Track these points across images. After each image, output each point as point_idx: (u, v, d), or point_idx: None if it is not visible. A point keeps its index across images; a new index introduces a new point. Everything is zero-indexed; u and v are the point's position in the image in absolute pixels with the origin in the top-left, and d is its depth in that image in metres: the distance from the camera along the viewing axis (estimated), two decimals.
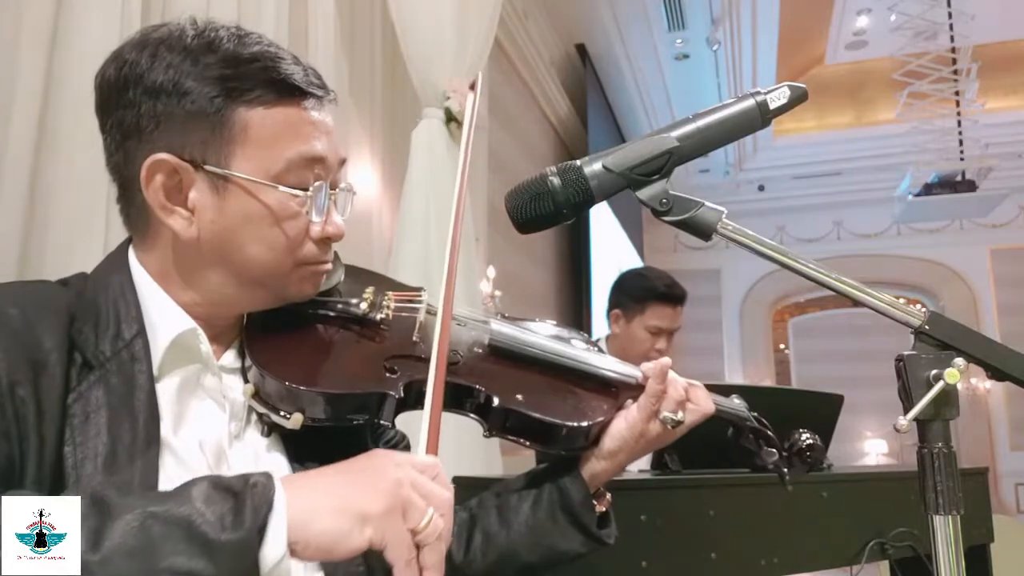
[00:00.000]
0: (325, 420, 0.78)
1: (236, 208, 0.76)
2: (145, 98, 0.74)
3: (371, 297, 0.88)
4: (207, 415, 0.78)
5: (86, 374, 0.71)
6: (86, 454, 0.67)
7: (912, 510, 1.75)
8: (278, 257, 0.79)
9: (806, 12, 6.97)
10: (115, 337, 0.73)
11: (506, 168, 4.82)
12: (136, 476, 0.68)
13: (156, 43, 0.76)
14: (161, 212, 0.76)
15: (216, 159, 0.75)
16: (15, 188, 1.43)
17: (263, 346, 0.81)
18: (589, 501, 0.90)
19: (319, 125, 0.80)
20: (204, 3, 1.87)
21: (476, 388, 0.85)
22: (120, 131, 0.77)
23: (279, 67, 0.77)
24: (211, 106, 0.74)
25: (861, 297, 0.71)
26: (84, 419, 0.69)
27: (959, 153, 6.79)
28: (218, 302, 0.80)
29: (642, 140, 0.76)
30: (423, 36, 2.63)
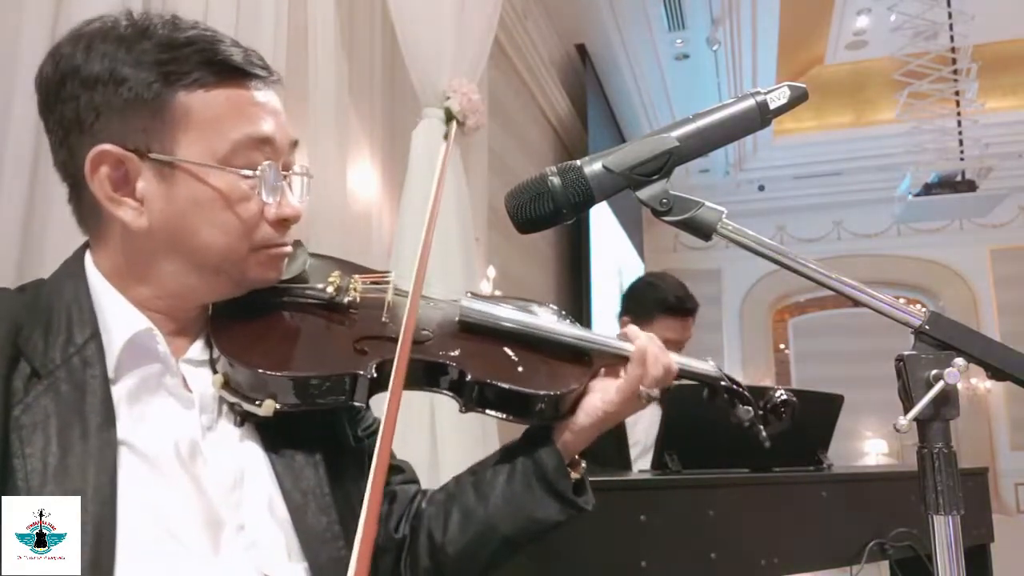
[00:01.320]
0: (297, 405, 0.78)
1: (185, 194, 0.75)
2: (83, 90, 0.73)
3: (337, 280, 0.87)
4: (172, 412, 0.77)
5: (34, 383, 0.69)
6: (35, 466, 0.66)
7: (912, 510, 1.75)
8: (233, 241, 0.77)
9: (806, 12, 6.97)
10: (66, 343, 0.72)
11: (506, 168, 4.82)
12: (90, 482, 0.67)
13: (90, 35, 0.76)
14: (109, 204, 0.75)
15: (160, 146, 0.74)
16: (15, 188, 1.43)
17: (230, 336, 0.80)
18: (563, 468, 0.89)
19: (264, 106, 0.79)
20: (203, 3, 1.87)
21: (448, 364, 0.85)
22: (62, 127, 0.76)
23: (217, 48, 0.76)
24: (149, 92, 0.73)
25: (861, 297, 0.71)
26: (32, 430, 0.67)
27: (959, 153, 6.78)
28: (177, 293, 0.79)
29: (642, 140, 0.76)
30: (423, 36, 2.63)
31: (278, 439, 0.81)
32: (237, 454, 0.79)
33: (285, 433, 0.81)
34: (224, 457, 0.77)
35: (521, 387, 0.86)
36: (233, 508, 0.75)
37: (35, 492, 0.65)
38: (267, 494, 0.78)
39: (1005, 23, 7.02)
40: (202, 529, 0.72)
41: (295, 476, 0.80)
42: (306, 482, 0.81)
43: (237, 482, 0.77)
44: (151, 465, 0.72)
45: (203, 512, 0.73)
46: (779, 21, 6.69)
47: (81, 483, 0.66)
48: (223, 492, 0.75)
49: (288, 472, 0.80)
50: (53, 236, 1.48)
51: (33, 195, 1.46)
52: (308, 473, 0.81)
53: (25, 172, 1.45)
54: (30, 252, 1.44)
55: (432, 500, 0.96)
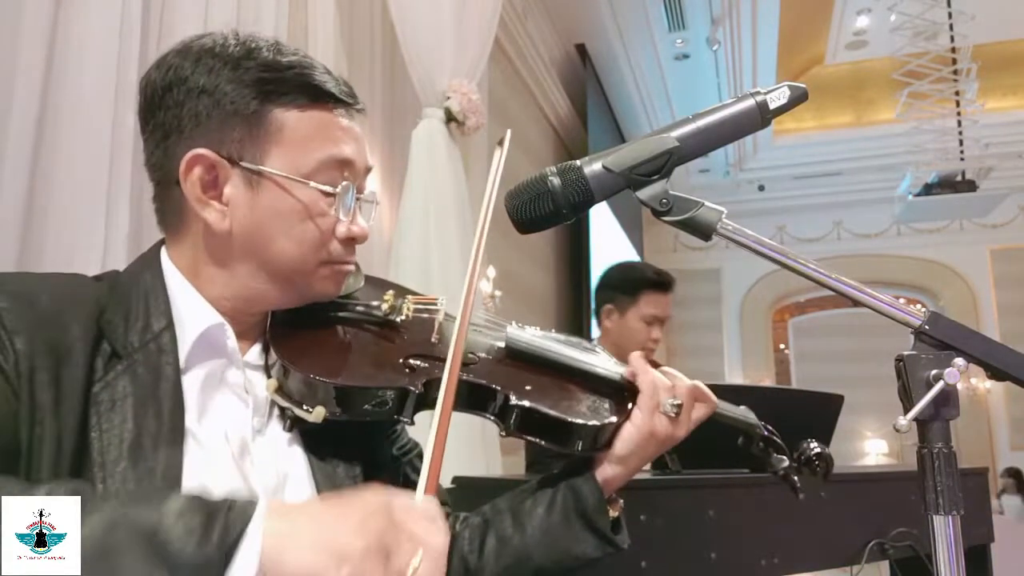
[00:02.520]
0: (346, 414, 0.80)
1: (268, 203, 0.80)
2: (187, 98, 0.79)
3: (391, 300, 0.91)
4: (230, 409, 0.80)
5: (114, 364, 0.73)
6: (111, 440, 0.70)
7: (912, 510, 1.75)
8: (305, 253, 0.82)
9: (806, 12, 6.97)
10: (144, 329, 0.76)
11: (506, 168, 4.81)
12: (160, 463, 0.70)
13: (199, 50, 0.81)
14: (197, 204, 0.79)
15: (252, 156, 0.79)
16: (14, 187, 1.43)
17: (287, 342, 0.84)
18: (603, 505, 0.90)
19: (349, 131, 0.84)
20: (203, 3, 1.87)
21: (493, 387, 0.87)
22: (162, 130, 0.81)
23: (313, 75, 0.82)
24: (249, 107, 0.79)
25: (861, 297, 0.71)
26: (110, 407, 0.71)
27: (959, 153, 6.78)
28: (245, 297, 0.83)
29: (642, 140, 0.76)
30: (423, 36, 2.63)
31: (322, 448, 0.84)
32: (283, 459, 0.82)
33: (329, 443, 0.84)
34: (270, 460, 0.80)
35: (563, 415, 0.87)
36: None
37: (109, 466, 0.68)
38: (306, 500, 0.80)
39: (1005, 23, 7.02)
40: None
41: (334, 486, 0.83)
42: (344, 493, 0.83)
43: (280, 485, 0.80)
44: (209, 457, 0.75)
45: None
46: (779, 21, 6.69)
47: (153, 462, 0.70)
48: (266, 493, 0.78)
49: (328, 483, 0.83)
50: (52, 236, 1.48)
51: (32, 194, 1.46)
52: (347, 484, 0.84)
53: (25, 173, 1.45)
54: (29, 252, 1.44)
55: (468, 524, 0.97)
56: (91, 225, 1.52)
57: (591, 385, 0.94)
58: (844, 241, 9.77)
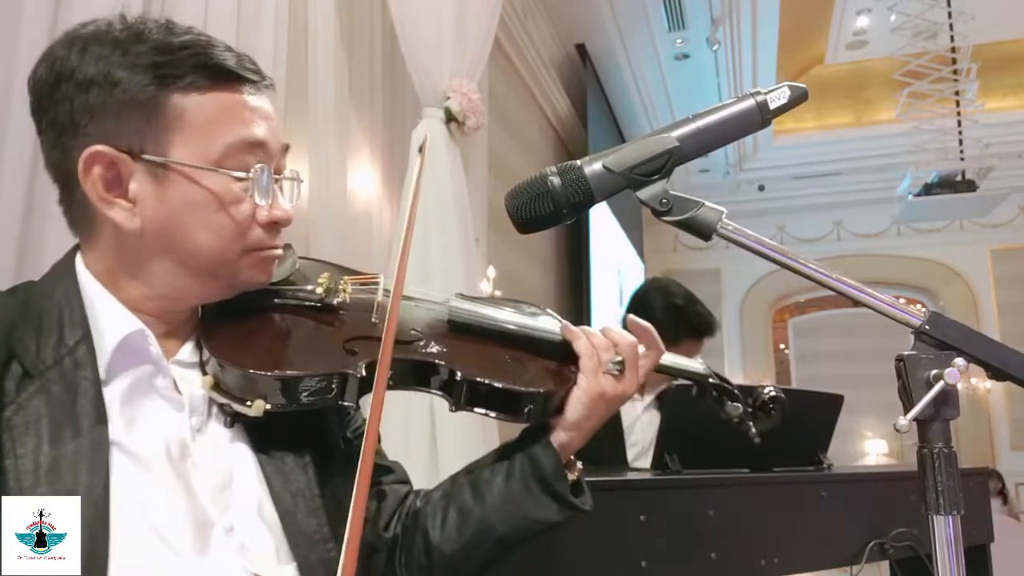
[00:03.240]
0: (287, 405, 0.78)
1: (178, 195, 0.75)
2: (77, 92, 0.74)
3: (326, 282, 0.88)
4: (163, 413, 0.77)
5: (26, 384, 0.70)
6: (26, 466, 0.66)
7: (912, 510, 1.75)
8: (225, 243, 0.78)
9: (806, 12, 6.97)
10: (57, 344, 0.72)
11: (506, 168, 4.82)
12: (82, 482, 0.67)
13: (84, 39, 0.76)
14: (101, 204, 0.75)
15: (153, 147, 0.75)
16: (14, 186, 1.43)
17: (219, 337, 0.81)
18: (561, 469, 0.90)
19: (257, 110, 0.79)
20: (203, 3, 1.87)
21: (438, 363, 0.86)
22: (55, 128, 0.76)
23: (211, 52, 0.77)
24: (144, 94, 0.74)
25: (861, 297, 0.71)
26: (24, 431, 0.67)
27: (959, 153, 6.77)
28: (168, 295, 0.80)
29: (642, 140, 0.76)
30: (423, 36, 2.63)
31: (267, 441, 0.81)
32: (226, 456, 0.79)
33: (274, 435, 0.81)
34: (213, 459, 0.78)
35: (510, 385, 0.87)
36: (222, 510, 0.76)
37: (27, 492, 0.65)
38: (256, 496, 0.79)
39: (1005, 23, 7.02)
40: (191, 530, 0.72)
41: (284, 478, 0.81)
42: (295, 484, 0.81)
43: (226, 484, 0.77)
44: (142, 466, 0.72)
45: (192, 513, 0.73)
46: (779, 21, 6.68)
47: (73, 483, 0.66)
48: (212, 493, 0.75)
49: (278, 474, 0.80)
50: (52, 236, 1.48)
51: (32, 195, 1.46)
52: (297, 475, 0.82)
53: (24, 173, 1.45)
54: (29, 252, 1.44)
55: (428, 499, 0.96)
56: None
57: (537, 352, 0.93)
58: (844, 241, 9.76)
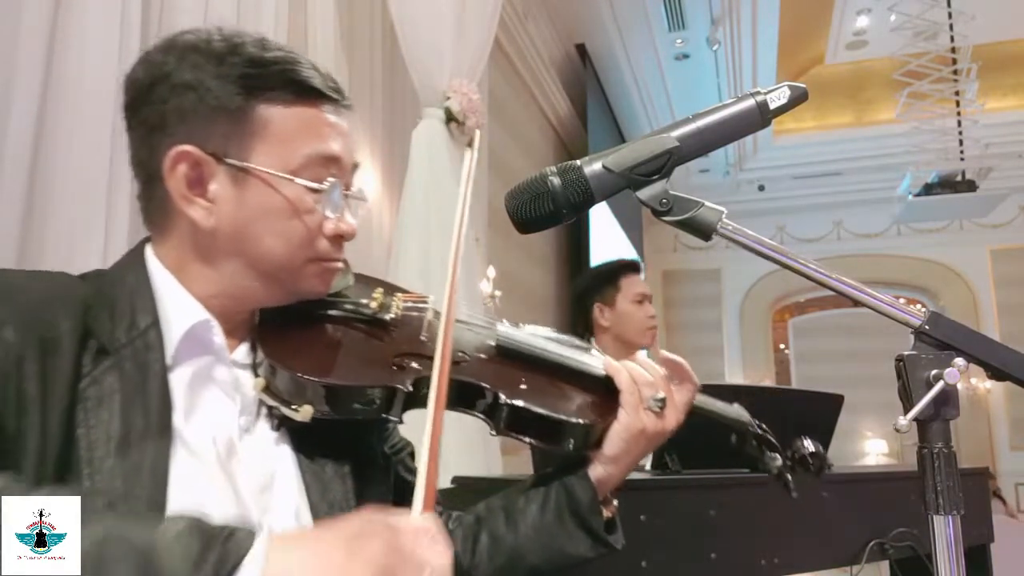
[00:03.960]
0: (334, 413, 0.80)
1: (254, 200, 0.79)
2: (171, 95, 0.78)
3: (380, 298, 0.91)
4: (217, 407, 0.80)
5: (101, 360, 0.72)
6: (98, 436, 0.69)
7: (912, 510, 1.75)
8: (292, 250, 0.81)
9: (806, 12, 6.97)
10: (130, 326, 0.75)
11: (506, 168, 4.82)
12: (147, 460, 0.70)
13: (183, 46, 0.80)
14: (182, 202, 0.78)
15: (237, 152, 0.78)
16: (14, 186, 1.43)
17: (275, 341, 0.83)
18: (596, 504, 0.90)
19: (336, 127, 0.83)
20: (203, 2, 1.87)
21: (483, 386, 0.86)
22: (146, 126, 0.80)
23: (299, 70, 0.82)
24: (233, 102, 0.78)
25: (861, 297, 0.71)
26: (98, 403, 0.70)
27: (959, 153, 6.78)
28: (232, 295, 0.82)
29: (642, 140, 0.75)
30: (423, 36, 2.63)
31: (310, 448, 0.83)
32: (270, 458, 0.81)
33: (317, 443, 0.83)
34: (258, 460, 0.80)
35: (552, 413, 0.87)
36: (261, 512, 0.77)
37: (96, 463, 0.68)
38: (294, 502, 0.80)
39: (1005, 23, 7.02)
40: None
41: (323, 487, 0.82)
42: (333, 494, 0.83)
43: (268, 485, 0.79)
44: (196, 457, 0.74)
45: (238, 509, 0.75)
46: (779, 21, 6.69)
47: (139, 459, 0.69)
48: (255, 493, 0.77)
49: (317, 482, 0.82)
50: (52, 236, 1.48)
51: (32, 195, 1.46)
52: (336, 485, 0.83)
53: (24, 173, 1.45)
54: (29, 252, 1.44)
55: (460, 522, 0.96)
56: (90, 225, 1.52)
57: (581, 384, 0.94)
58: (844, 241, 9.76)
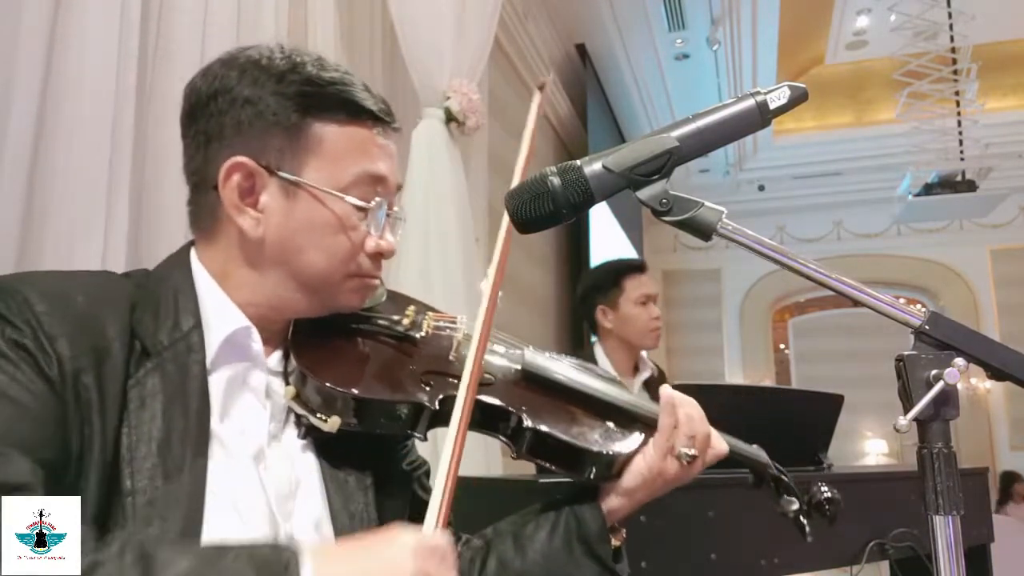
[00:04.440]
0: (361, 425, 0.82)
1: (303, 213, 0.82)
2: (230, 107, 0.82)
3: (412, 316, 0.94)
4: (250, 412, 0.82)
5: (143, 361, 0.75)
6: (140, 437, 0.71)
7: (912, 510, 1.75)
8: (334, 265, 0.84)
9: (806, 12, 6.97)
10: (173, 327, 0.78)
11: (506, 168, 4.81)
12: (187, 462, 0.72)
13: (245, 61, 0.84)
14: (233, 210, 0.81)
15: (290, 167, 0.82)
16: (13, 186, 1.43)
17: (307, 350, 0.85)
18: (606, 533, 0.90)
19: (384, 148, 0.87)
20: (203, 4, 1.86)
21: (508, 409, 0.88)
22: (204, 136, 0.83)
23: (354, 92, 0.85)
24: (290, 119, 0.81)
25: (861, 297, 0.71)
26: (140, 404, 0.72)
27: (959, 153, 6.77)
28: (271, 304, 0.85)
29: (642, 140, 0.76)
30: (423, 36, 2.63)
31: (334, 458, 0.85)
32: (296, 465, 0.83)
33: (341, 454, 0.86)
34: (284, 466, 0.82)
35: (575, 441, 0.88)
36: (286, 516, 0.79)
37: (137, 463, 0.70)
38: (316, 511, 0.82)
39: (1005, 23, 7.01)
40: (268, 526, 0.77)
41: (345, 497, 0.84)
42: (355, 505, 0.85)
43: (292, 492, 0.81)
44: (230, 459, 0.77)
45: (267, 513, 0.77)
46: (779, 21, 6.68)
47: (180, 460, 0.72)
48: (279, 499, 0.79)
49: (339, 492, 0.84)
50: (52, 236, 1.48)
51: (32, 196, 1.46)
52: (358, 496, 0.86)
53: (24, 173, 1.45)
54: (28, 253, 1.44)
55: (469, 546, 0.97)
56: (90, 225, 1.51)
57: (605, 414, 0.95)
58: (844, 241, 9.76)
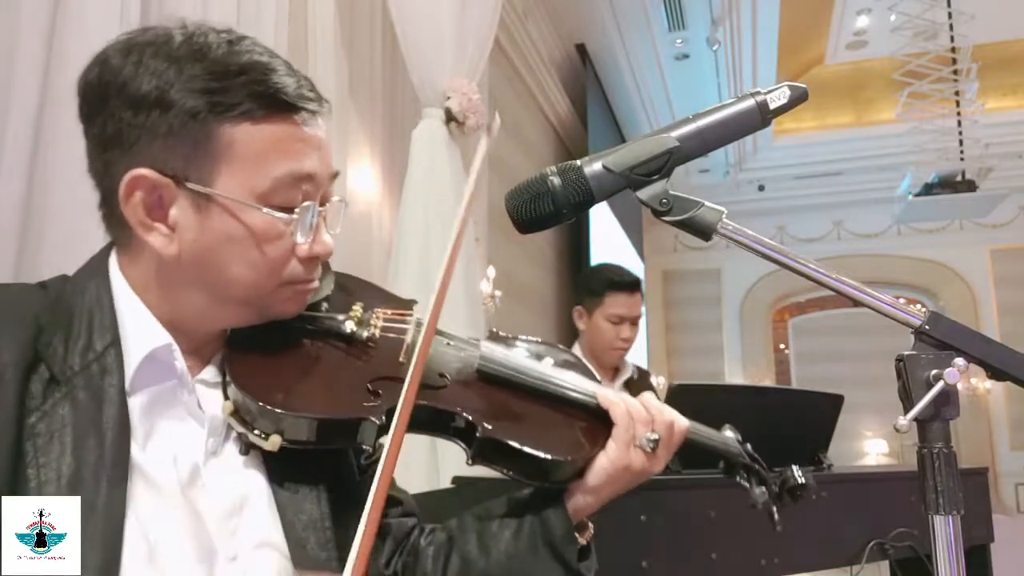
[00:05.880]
0: (304, 443, 0.76)
1: (218, 228, 0.73)
2: (127, 109, 0.72)
3: (359, 314, 0.86)
4: (181, 431, 0.75)
5: (52, 390, 0.68)
6: (48, 476, 0.65)
7: (912, 510, 1.75)
8: (260, 278, 0.76)
9: (806, 12, 6.97)
10: (86, 348, 0.71)
11: (506, 168, 4.82)
12: (102, 497, 0.65)
13: (142, 48, 0.73)
14: (140, 229, 0.73)
15: (199, 176, 0.72)
16: (12, 187, 1.43)
17: (244, 364, 0.78)
18: (571, 535, 0.87)
19: (310, 141, 0.77)
20: (202, 3, 1.86)
21: (460, 414, 0.83)
22: (101, 140, 0.74)
23: (269, 80, 0.74)
24: (195, 121, 0.71)
25: (861, 297, 0.71)
26: (48, 439, 0.66)
27: (959, 153, 6.78)
28: (198, 319, 0.78)
29: (642, 140, 0.75)
30: (423, 36, 2.63)
31: (282, 469, 0.79)
32: (239, 481, 0.78)
33: (290, 464, 0.79)
34: (225, 483, 0.76)
35: (533, 449, 0.83)
36: (228, 536, 0.74)
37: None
38: (266, 525, 0.77)
39: (1005, 23, 7.02)
40: (195, 562, 0.71)
41: (296, 508, 0.79)
42: (307, 515, 0.79)
43: (236, 509, 0.76)
44: (154, 488, 0.71)
45: (197, 540, 0.72)
46: (779, 21, 6.69)
47: (94, 496, 0.65)
48: (220, 518, 0.74)
49: (290, 503, 0.79)
50: (50, 236, 1.48)
51: (31, 195, 1.46)
52: (310, 506, 0.80)
53: (23, 173, 1.45)
54: (28, 252, 1.44)
55: (432, 539, 0.94)
56: (89, 225, 1.51)
57: (566, 412, 0.90)
58: (844, 241, 9.76)
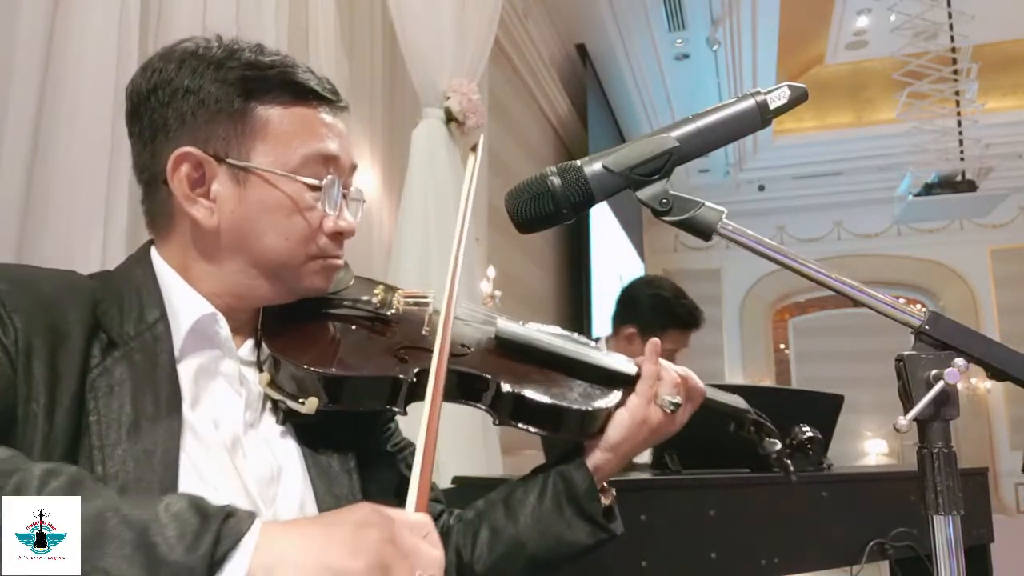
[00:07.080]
0: (339, 404, 0.81)
1: (255, 198, 0.82)
2: (172, 99, 0.81)
3: (381, 294, 0.94)
4: (224, 400, 0.82)
5: (110, 351, 0.75)
6: (110, 423, 0.71)
7: (912, 510, 1.75)
8: (293, 247, 0.83)
9: (806, 12, 6.97)
10: (138, 319, 0.78)
11: (506, 168, 4.82)
12: (159, 445, 0.72)
13: (182, 53, 0.83)
14: (185, 202, 0.81)
15: (237, 153, 0.81)
16: (12, 187, 1.43)
17: (279, 336, 0.85)
18: (594, 491, 0.91)
19: (332, 127, 0.86)
20: (202, 3, 1.87)
21: (484, 376, 0.87)
22: (149, 131, 0.83)
23: (296, 72, 0.85)
24: (233, 104, 0.81)
25: (861, 297, 0.71)
26: (108, 391, 0.72)
27: (959, 153, 6.78)
28: (235, 292, 0.85)
29: (642, 140, 0.76)
30: (423, 36, 2.63)
31: (315, 443, 0.85)
32: (276, 452, 0.83)
33: (323, 438, 0.86)
34: (262, 454, 0.81)
35: (555, 401, 0.88)
36: (268, 502, 0.79)
37: (108, 449, 0.70)
38: (300, 495, 0.82)
39: (1005, 23, 7.02)
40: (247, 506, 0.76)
41: (329, 481, 0.84)
42: (339, 488, 0.85)
43: (274, 478, 0.81)
44: (203, 444, 0.76)
45: (245, 499, 0.77)
46: (779, 21, 6.69)
47: (151, 444, 0.71)
48: (260, 485, 0.79)
49: (323, 476, 0.84)
50: (50, 236, 1.48)
51: (30, 196, 1.46)
52: (342, 479, 0.86)
53: (22, 173, 1.45)
54: (27, 252, 1.44)
55: (461, 518, 0.97)
56: (89, 225, 1.51)
57: (583, 373, 0.95)
58: (844, 241, 9.77)
